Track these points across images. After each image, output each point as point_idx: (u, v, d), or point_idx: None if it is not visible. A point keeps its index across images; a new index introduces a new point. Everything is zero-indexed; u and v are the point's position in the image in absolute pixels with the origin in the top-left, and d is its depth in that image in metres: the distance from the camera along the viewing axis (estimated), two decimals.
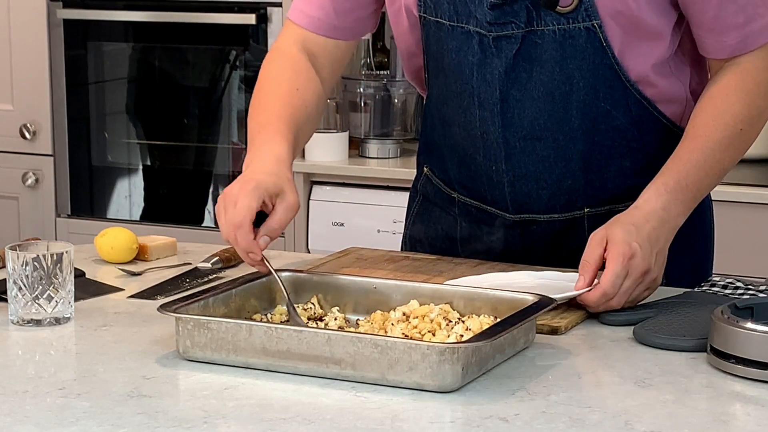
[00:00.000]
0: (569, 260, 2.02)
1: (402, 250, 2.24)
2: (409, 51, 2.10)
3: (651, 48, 1.95)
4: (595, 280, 1.80)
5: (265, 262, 1.80)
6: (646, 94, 1.98)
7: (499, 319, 1.66)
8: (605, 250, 1.81)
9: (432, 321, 1.68)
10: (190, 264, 2.12)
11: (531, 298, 1.70)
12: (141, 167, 3.95)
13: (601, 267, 1.81)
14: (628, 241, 1.80)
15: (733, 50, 1.94)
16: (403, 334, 1.65)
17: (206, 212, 3.87)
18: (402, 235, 2.27)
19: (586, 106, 1.97)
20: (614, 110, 1.97)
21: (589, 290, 1.78)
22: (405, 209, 2.28)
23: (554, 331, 1.75)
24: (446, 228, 2.16)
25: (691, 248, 2.10)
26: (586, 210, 2.02)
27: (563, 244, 2.05)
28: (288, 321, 1.74)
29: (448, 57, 2.01)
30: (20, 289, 1.77)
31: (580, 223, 2.03)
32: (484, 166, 2.03)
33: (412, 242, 2.23)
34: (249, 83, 3.76)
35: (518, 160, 2.00)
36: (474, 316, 1.71)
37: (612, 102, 1.97)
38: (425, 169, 2.19)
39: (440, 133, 2.11)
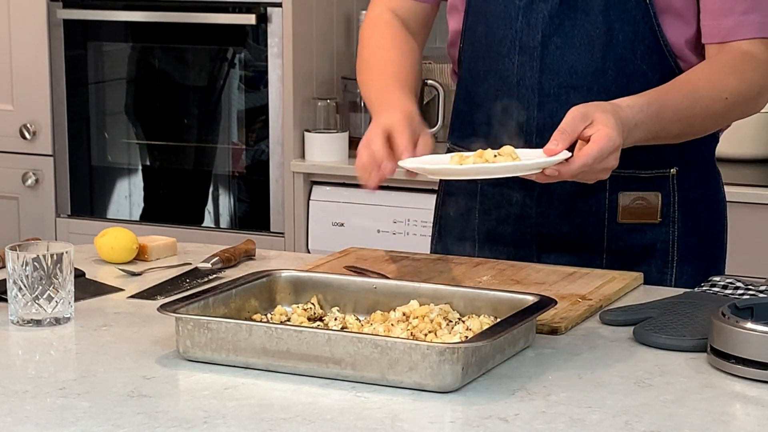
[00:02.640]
0: (581, 226, 2.05)
1: (433, 228, 2.28)
2: (454, 5, 2.16)
3: (683, 23, 2.00)
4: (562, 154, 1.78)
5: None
6: (681, 66, 2.01)
7: (499, 319, 1.66)
8: (586, 128, 1.79)
9: (432, 321, 1.68)
10: (190, 264, 2.12)
11: (531, 298, 1.70)
12: (141, 167, 3.95)
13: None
14: (619, 132, 1.80)
15: (726, 34, 1.98)
16: (411, 334, 1.65)
17: (206, 212, 3.87)
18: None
19: (624, 60, 2.01)
20: (650, 72, 2.01)
21: (563, 160, 1.77)
22: (405, 209, 2.29)
23: (554, 331, 1.75)
24: (466, 197, 2.17)
25: (711, 244, 2.11)
26: None
27: (579, 208, 2.07)
28: (288, 321, 1.74)
29: (494, 2, 2.06)
30: (20, 289, 1.77)
31: (601, 184, 2.03)
32: (515, 115, 2.06)
33: (439, 219, 2.26)
34: (249, 83, 3.76)
35: (551, 108, 2.03)
36: (474, 316, 1.71)
37: (649, 63, 2.01)
38: (448, 144, 2.23)
39: (472, 92, 2.14)
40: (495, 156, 1.81)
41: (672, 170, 2.07)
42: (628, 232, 2.08)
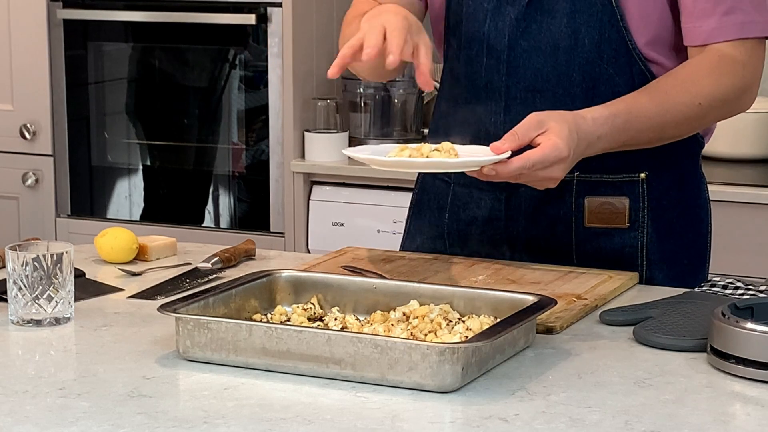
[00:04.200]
0: (549, 229, 2.05)
1: (406, 224, 2.27)
2: (436, 14, 2.15)
3: (645, 25, 1.99)
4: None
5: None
6: (651, 68, 2.00)
7: (499, 319, 1.66)
8: (538, 136, 1.81)
9: (432, 321, 1.68)
10: (190, 264, 2.12)
11: (531, 298, 1.70)
12: (141, 167, 3.95)
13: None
14: (569, 144, 1.81)
15: (707, 37, 1.97)
16: (411, 334, 1.65)
17: (206, 212, 3.87)
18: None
19: (589, 64, 2.00)
20: (617, 75, 2.00)
21: (504, 159, 1.78)
22: (405, 209, 2.29)
23: (549, 330, 1.75)
24: (438, 197, 2.18)
25: (687, 249, 2.10)
26: (576, 174, 2.02)
27: (546, 211, 2.06)
28: (288, 321, 1.74)
29: (465, 5, 2.06)
30: (20, 289, 1.77)
31: (568, 188, 2.04)
32: (483, 118, 2.06)
33: (412, 216, 2.25)
34: (249, 83, 3.76)
35: (517, 112, 2.01)
36: (474, 316, 1.71)
37: (615, 67, 2.00)
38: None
39: (447, 94, 2.14)
40: (433, 150, 1.80)
41: (641, 175, 2.05)
42: (596, 236, 2.06)
